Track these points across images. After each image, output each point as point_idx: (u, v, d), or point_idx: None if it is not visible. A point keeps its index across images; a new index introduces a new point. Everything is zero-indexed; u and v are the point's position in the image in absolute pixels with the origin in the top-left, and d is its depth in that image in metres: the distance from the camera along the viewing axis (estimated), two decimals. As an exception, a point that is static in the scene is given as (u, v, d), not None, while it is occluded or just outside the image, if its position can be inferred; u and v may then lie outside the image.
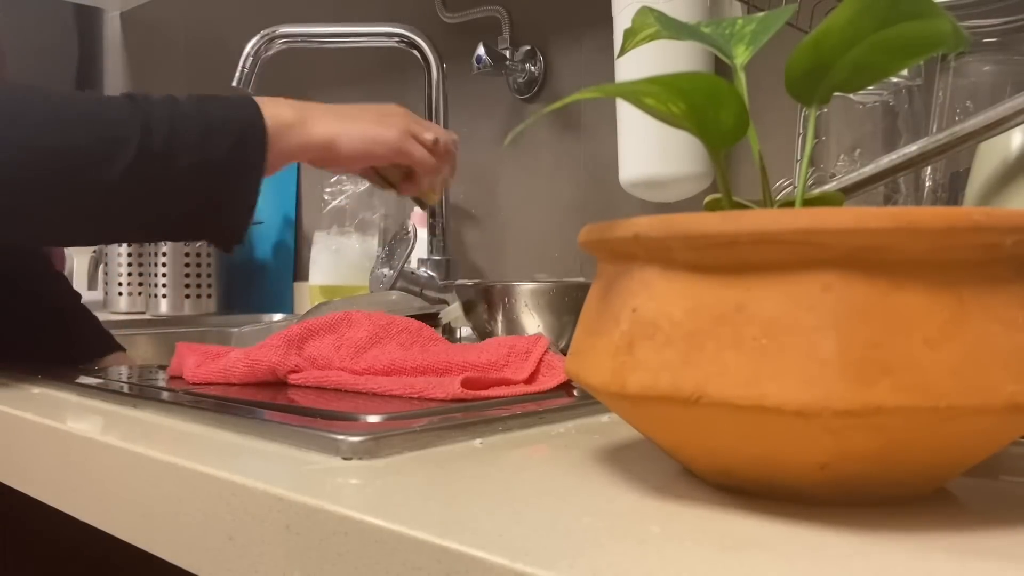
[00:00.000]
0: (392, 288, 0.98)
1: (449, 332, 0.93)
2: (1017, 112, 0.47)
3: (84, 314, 0.87)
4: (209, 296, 1.50)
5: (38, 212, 0.57)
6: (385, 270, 1.01)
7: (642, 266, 0.33)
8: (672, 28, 0.39)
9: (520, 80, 1.16)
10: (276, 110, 0.64)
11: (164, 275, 1.47)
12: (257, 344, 0.64)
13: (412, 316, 0.71)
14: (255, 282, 1.60)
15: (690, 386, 0.29)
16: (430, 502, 0.33)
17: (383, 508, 0.32)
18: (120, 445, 0.45)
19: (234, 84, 1.03)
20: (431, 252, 1.10)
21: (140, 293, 1.54)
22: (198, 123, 0.59)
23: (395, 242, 1.03)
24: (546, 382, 0.57)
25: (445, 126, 1.10)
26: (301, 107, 0.66)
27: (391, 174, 0.75)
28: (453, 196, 1.23)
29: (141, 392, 0.57)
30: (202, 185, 0.60)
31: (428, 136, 0.71)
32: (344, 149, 0.66)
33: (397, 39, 1.07)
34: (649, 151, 0.87)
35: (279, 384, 0.63)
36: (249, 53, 1.03)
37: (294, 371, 0.62)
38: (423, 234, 1.14)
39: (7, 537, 0.69)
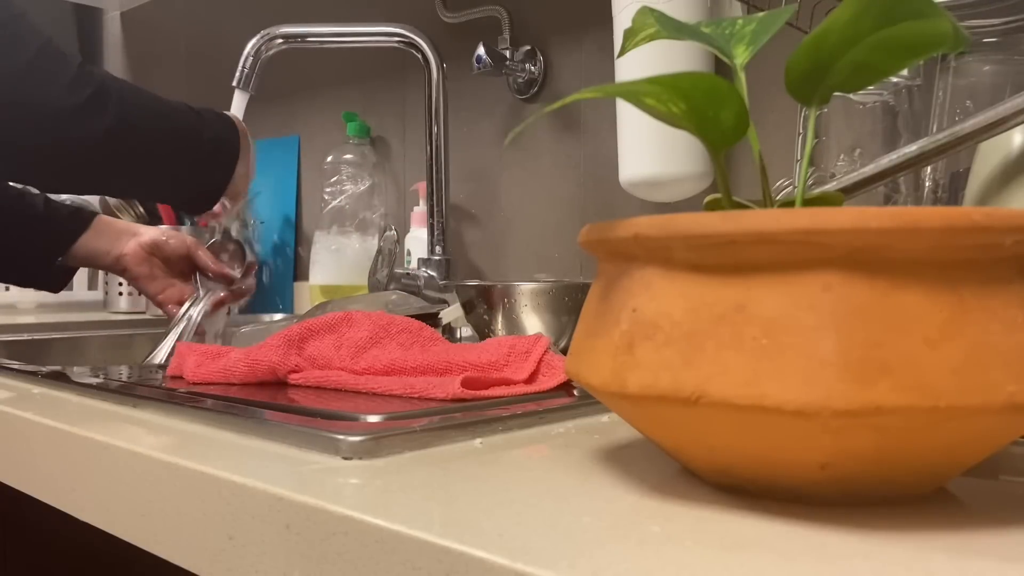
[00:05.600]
0: (386, 289, 0.98)
1: (449, 332, 0.93)
2: (1017, 112, 0.47)
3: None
4: (209, 296, 1.50)
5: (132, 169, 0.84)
6: (379, 276, 1.01)
7: (642, 266, 0.33)
8: (672, 28, 0.39)
9: (520, 80, 1.16)
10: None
11: (164, 275, 1.47)
12: (257, 344, 0.64)
13: (412, 316, 0.71)
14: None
15: (690, 386, 0.29)
16: (430, 502, 0.33)
17: (383, 508, 0.32)
18: (120, 445, 0.45)
19: (234, 84, 1.03)
20: (431, 252, 1.10)
21: (140, 293, 1.54)
22: (214, 127, 0.89)
23: (383, 245, 1.02)
24: (546, 382, 0.57)
25: (445, 126, 1.10)
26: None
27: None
28: (453, 196, 1.23)
29: (141, 392, 0.57)
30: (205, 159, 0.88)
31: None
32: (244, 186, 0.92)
33: (397, 39, 1.07)
34: (649, 151, 0.87)
35: (279, 384, 0.63)
36: (249, 53, 1.03)
37: (294, 371, 0.62)
38: (423, 234, 1.13)
39: (7, 537, 0.69)
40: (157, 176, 0.86)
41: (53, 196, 1.01)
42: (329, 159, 1.37)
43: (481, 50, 1.10)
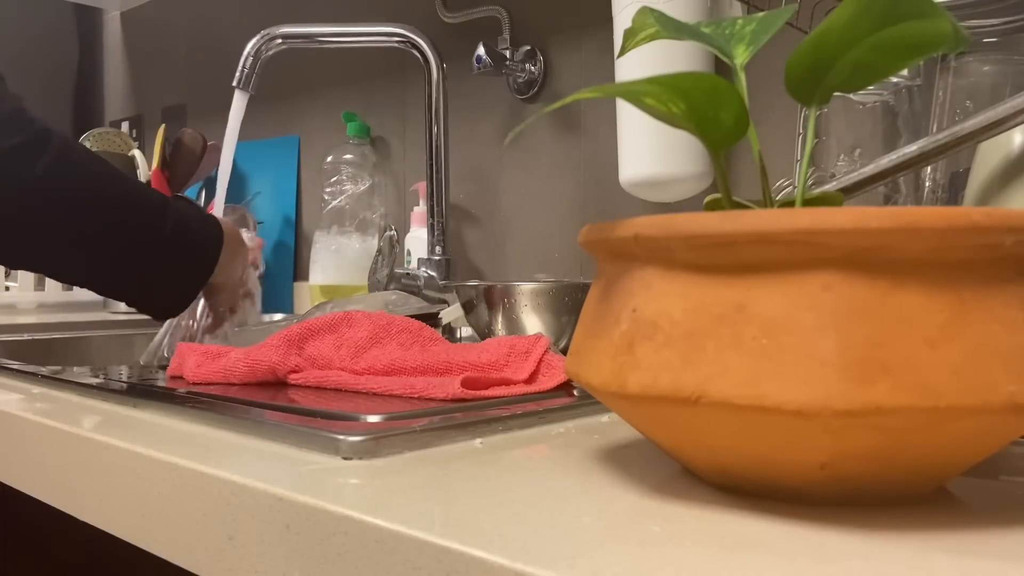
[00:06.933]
0: (386, 289, 0.98)
1: (449, 332, 0.93)
2: (1017, 112, 0.47)
3: None
4: (209, 296, 1.50)
5: (81, 251, 0.73)
6: (380, 276, 1.01)
7: (642, 266, 0.33)
8: (672, 28, 0.39)
9: (520, 80, 1.16)
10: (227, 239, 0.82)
11: (164, 275, 1.46)
12: (257, 344, 0.64)
13: (412, 316, 0.71)
14: (255, 282, 1.60)
15: (690, 386, 0.29)
16: (430, 502, 0.33)
17: (383, 508, 0.32)
18: (120, 445, 0.45)
19: (234, 84, 1.03)
20: (431, 252, 1.10)
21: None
22: (183, 215, 0.78)
23: (383, 245, 1.02)
24: (546, 382, 0.57)
25: (445, 126, 1.10)
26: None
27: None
28: (453, 196, 1.23)
29: (141, 392, 0.57)
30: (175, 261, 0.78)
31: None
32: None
33: (397, 39, 1.07)
34: (649, 151, 0.87)
35: (279, 384, 0.63)
36: (249, 53, 1.03)
37: (294, 371, 0.62)
38: (423, 234, 1.13)
39: (7, 537, 0.69)
40: (92, 251, 0.73)
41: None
42: (329, 159, 1.37)
43: (481, 50, 1.10)
